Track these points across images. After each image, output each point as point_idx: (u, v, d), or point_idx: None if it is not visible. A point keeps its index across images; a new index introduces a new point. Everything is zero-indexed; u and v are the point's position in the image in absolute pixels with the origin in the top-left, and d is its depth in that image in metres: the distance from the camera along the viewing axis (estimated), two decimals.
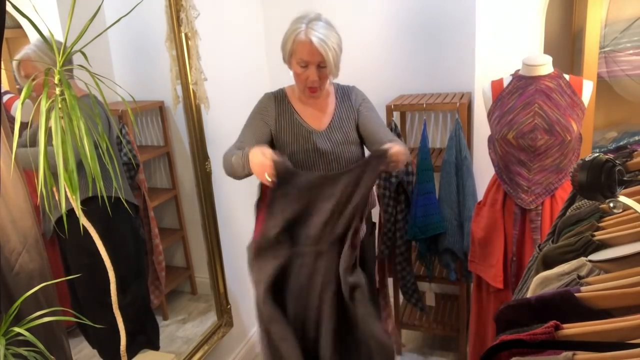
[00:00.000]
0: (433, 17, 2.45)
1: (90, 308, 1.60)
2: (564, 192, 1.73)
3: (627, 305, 0.65)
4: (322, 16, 1.62)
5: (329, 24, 1.61)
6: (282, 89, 1.77)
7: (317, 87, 1.63)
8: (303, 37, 1.56)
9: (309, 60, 1.58)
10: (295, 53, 1.59)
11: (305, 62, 1.58)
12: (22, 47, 1.42)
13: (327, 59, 1.56)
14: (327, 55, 1.56)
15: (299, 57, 1.59)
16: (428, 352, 2.60)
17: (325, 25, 1.59)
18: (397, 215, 2.30)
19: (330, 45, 1.56)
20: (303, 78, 1.62)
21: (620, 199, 0.77)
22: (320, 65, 1.59)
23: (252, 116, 1.73)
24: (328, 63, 1.57)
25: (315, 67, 1.59)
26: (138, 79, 1.90)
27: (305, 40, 1.55)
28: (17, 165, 1.10)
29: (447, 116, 2.57)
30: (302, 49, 1.57)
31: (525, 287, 1.02)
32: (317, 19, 1.59)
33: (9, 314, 0.97)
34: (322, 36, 1.55)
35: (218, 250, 2.18)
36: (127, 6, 1.13)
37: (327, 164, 1.69)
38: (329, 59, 1.56)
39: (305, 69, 1.60)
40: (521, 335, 0.62)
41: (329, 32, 1.58)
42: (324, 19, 1.61)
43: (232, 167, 1.58)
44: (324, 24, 1.59)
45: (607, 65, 2.00)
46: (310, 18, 1.58)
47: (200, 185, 2.06)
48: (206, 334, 2.13)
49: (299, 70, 1.61)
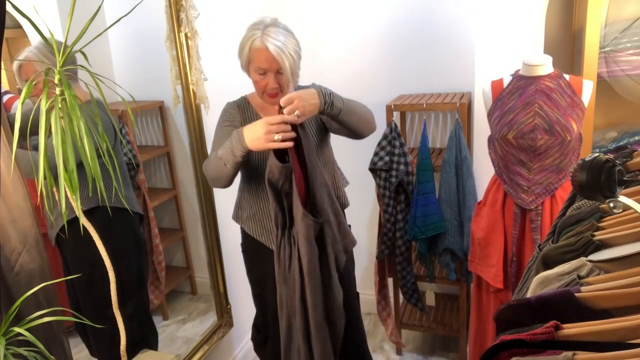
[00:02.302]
0: (433, 17, 2.45)
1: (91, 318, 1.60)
2: (564, 192, 1.73)
3: (627, 305, 0.65)
4: (280, 21, 1.58)
5: (286, 30, 1.56)
6: (244, 97, 1.73)
7: (277, 92, 1.58)
8: (259, 44, 1.51)
9: (266, 67, 1.53)
10: (252, 61, 1.55)
11: (262, 69, 1.54)
12: (23, 48, 1.42)
13: (283, 66, 1.52)
14: (284, 62, 1.51)
15: (256, 65, 1.55)
16: (428, 352, 2.60)
17: (282, 31, 1.54)
18: (397, 215, 2.30)
19: (287, 52, 1.51)
20: (262, 85, 1.57)
21: (620, 199, 0.77)
22: (279, 72, 1.55)
23: (220, 126, 1.67)
24: (285, 70, 1.53)
25: (274, 74, 1.54)
26: (138, 79, 1.90)
27: (261, 47, 1.51)
28: (17, 165, 1.10)
29: (447, 116, 2.57)
30: (259, 56, 1.53)
31: (525, 287, 1.02)
32: (274, 24, 1.54)
33: (9, 314, 0.97)
34: (278, 43, 1.50)
35: (218, 250, 2.18)
36: (127, 6, 1.13)
37: None
38: (286, 66, 1.52)
39: (264, 76, 1.56)
40: (521, 335, 0.62)
41: (286, 38, 1.53)
42: (282, 25, 1.56)
43: (215, 169, 1.54)
44: (281, 29, 1.54)
45: (607, 65, 2.00)
46: (266, 24, 1.54)
47: (200, 185, 2.06)
48: (206, 334, 2.13)
49: (258, 78, 1.57)
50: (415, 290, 2.39)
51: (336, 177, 1.76)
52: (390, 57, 2.56)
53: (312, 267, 1.50)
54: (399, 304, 2.54)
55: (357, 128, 1.62)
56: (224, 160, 1.49)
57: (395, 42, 2.53)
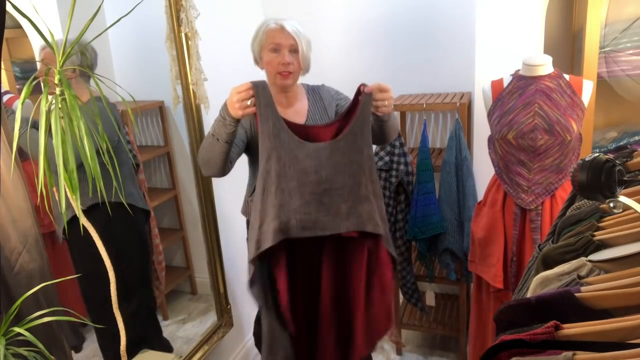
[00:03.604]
0: (433, 17, 2.45)
1: (98, 313, 1.59)
2: (564, 192, 1.73)
3: (627, 305, 0.65)
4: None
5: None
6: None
7: (290, 71, 1.58)
8: (274, 26, 1.56)
9: (280, 42, 1.55)
10: (266, 43, 1.57)
11: (277, 44, 1.56)
12: (23, 48, 1.42)
13: (299, 43, 1.55)
14: (300, 40, 1.55)
15: (270, 42, 1.56)
16: (428, 352, 2.60)
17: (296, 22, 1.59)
18: (397, 215, 2.30)
19: (302, 33, 1.57)
20: (275, 64, 1.57)
21: (620, 199, 0.77)
22: (293, 50, 1.57)
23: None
24: (300, 48, 1.55)
25: (288, 51, 1.56)
26: (138, 79, 1.90)
27: (277, 27, 1.56)
28: (17, 165, 1.10)
29: (447, 116, 2.57)
30: (274, 35, 1.56)
31: (525, 287, 1.02)
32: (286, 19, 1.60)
33: (9, 314, 0.97)
34: (294, 23, 1.56)
35: (218, 250, 2.18)
36: (127, 6, 1.13)
37: None
38: (302, 44, 1.55)
39: (277, 53, 1.56)
40: (521, 335, 0.62)
41: (301, 26, 1.59)
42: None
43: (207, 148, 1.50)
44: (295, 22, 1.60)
45: (607, 65, 2.00)
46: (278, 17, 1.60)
47: (200, 185, 2.06)
48: (206, 334, 2.13)
49: (271, 57, 1.57)
50: (415, 290, 2.39)
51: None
52: (390, 57, 2.56)
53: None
54: (399, 304, 2.54)
55: (389, 136, 1.65)
56: (217, 134, 1.46)
57: (395, 42, 2.53)
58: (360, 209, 1.45)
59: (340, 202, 1.44)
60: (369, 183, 1.47)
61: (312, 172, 1.40)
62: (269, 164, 1.40)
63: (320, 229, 1.44)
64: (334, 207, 1.43)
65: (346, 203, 1.44)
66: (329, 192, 1.42)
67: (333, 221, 1.44)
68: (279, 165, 1.39)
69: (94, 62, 1.56)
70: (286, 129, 1.40)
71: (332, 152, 1.41)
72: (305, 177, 1.39)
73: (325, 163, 1.40)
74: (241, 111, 1.37)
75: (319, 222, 1.43)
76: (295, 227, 1.41)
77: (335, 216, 1.44)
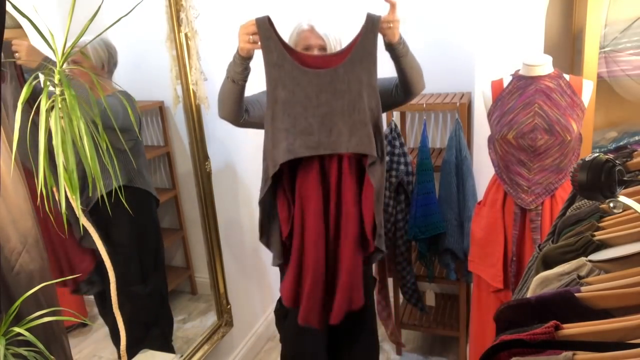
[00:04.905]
0: (433, 17, 2.44)
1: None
2: (564, 192, 1.72)
3: (627, 305, 0.65)
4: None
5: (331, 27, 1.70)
6: None
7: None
8: (305, 27, 1.67)
9: (310, 43, 1.66)
10: (299, 43, 1.67)
11: (307, 45, 1.66)
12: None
13: (327, 43, 1.65)
14: (328, 40, 1.65)
15: (301, 44, 1.67)
16: (428, 352, 2.61)
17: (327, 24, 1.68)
18: (397, 215, 2.30)
19: (331, 33, 1.66)
20: None
21: (620, 199, 0.77)
22: (321, 49, 1.66)
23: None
24: (328, 48, 1.65)
25: (317, 50, 1.66)
26: (138, 79, 1.90)
27: (307, 28, 1.66)
28: (17, 165, 1.10)
29: (447, 116, 2.57)
30: (305, 35, 1.66)
31: (525, 287, 1.02)
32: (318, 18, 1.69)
33: (9, 314, 0.97)
34: (323, 24, 1.66)
35: (218, 250, 2.18)
36: (127, 6, 1.13)
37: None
38: (330, 44, 1.65)
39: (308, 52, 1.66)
40: (521, 335, 0.62)
41: (332, 28, 1.67)
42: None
43: (223, 89, 1.64)
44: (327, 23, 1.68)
45: (607, 65, 1.99)
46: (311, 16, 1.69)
47: (200, 185, 2.06)
48: (206, 334, 2.13)
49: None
50: (415, 290, 2.39)
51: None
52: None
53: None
54: (399, 304, 2.54)
55: (413, 77, 1.69)
56: (230, 74, 1.60)
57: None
58: (359, 133, 1.57)
59: (341, 125, 1.55)
60: (368, 110, 1.57)
61: (314, 96, 1.53)
62: (275, 92, 1.55)
63: (324, 148, 1.57)
64: (335, 129, 1.55)
65: (345, 126, 1.55)
66: (330, 115, 1.54)
67: (335, 142, 1.57)
68: (285, 92, 1.53)
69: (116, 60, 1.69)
70: (289, 59, 1.51)
71: (332, 79, 1.52)
72: (308, 102, 1.53)
73: (325, 88, 1.53)
74: (246, 45, 1.51)
75: (322, 142, 1.57)
76: (301, 147, 1.56)
77: (337, 137, 1.57)
